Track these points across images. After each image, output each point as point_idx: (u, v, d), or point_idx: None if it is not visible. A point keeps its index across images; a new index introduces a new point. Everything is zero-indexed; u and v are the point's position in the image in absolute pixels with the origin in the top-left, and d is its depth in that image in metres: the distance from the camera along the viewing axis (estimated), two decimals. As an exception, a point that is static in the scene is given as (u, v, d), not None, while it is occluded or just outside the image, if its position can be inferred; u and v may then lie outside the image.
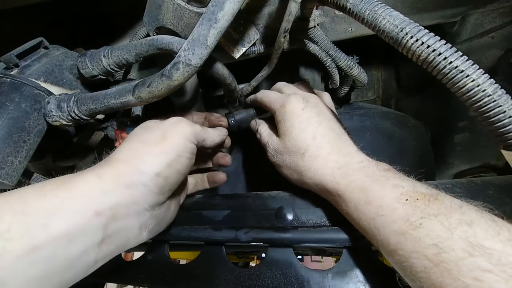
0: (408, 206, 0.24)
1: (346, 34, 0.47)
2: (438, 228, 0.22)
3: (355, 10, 0.26)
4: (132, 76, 0.54)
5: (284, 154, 0.36)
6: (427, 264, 0.22)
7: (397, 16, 0.24)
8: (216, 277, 0.35)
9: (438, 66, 0.22)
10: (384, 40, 0.26)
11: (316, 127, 0.34)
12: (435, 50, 0.22)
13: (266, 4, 0.42)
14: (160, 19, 0.35)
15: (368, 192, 0.27)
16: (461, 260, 0.20)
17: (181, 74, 0.31)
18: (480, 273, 0.19)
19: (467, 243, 0.20)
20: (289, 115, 0.35)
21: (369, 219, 0.27)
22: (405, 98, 0.69)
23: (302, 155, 0.33)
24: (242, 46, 0.43)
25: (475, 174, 0.67)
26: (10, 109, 0.32)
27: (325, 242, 0.32)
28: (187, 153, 0.30)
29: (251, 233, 0.35)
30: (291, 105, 0.36)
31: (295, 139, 0.34)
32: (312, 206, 0.35)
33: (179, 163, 0.29)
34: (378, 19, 0.25)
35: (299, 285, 0.31)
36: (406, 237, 0.23)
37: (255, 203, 0.38)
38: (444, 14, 0.45)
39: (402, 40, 0.24)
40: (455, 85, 0.22)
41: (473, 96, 0.22)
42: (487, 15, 0.49)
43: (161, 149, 0.28)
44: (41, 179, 0.43)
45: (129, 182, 0.25)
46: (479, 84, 0.21)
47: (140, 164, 0.26)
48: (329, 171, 0.31)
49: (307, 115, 0.35)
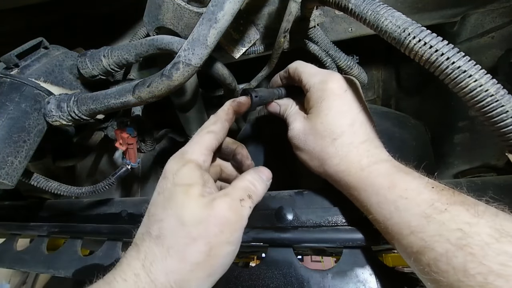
0: (434, 193, 0.24)
1: (346, 34, 0.47)
2: (464, 214, 0.22)
3: (357, 10, 0.26)
4: (132, 76, 0.54)
5: (309, 136, 0.32)
6: (449, 248, 0.21)
7: (400, 17, 0.24)
8: (216, 277, 0.35)
9: (441, 66, 0.22)
10: (386, 40, 0.26)
11: (357, 113, 0.31)
12: (437, 50, 0.22)
13: (266, 4, 0.42)
14: (160, 19, 0.35)
15: (393, 177, 0.27)
16: (487, 245, 0.20)
17: (181, 74, 0.31)
18: (507, 259, 0.19)
19: (494, 229, 0.20)
20: (328, 94, 0.32)
21: (390, 202, 0.26)
22: (405, 98, 0.69)
23: (333, 141, 0.31)
24: (242, 46, 0.43)
25: (475, 174, 0.67)
26: (10, 109, 0.32)
27: (325, 242, 0.32)
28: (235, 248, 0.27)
29: (251, 233, 0.35)
30: (334, 84, 0.32)
31: (330, 123, 0.31)
32: (312, 206, 0.35)
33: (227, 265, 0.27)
34: (380, 19, 0.25)
35: (299, 285, 0.31)
36: (429, 220, 0.23)
37: (255, 203, 0.38)
38: (444, 14, 0.45)
39: (405, 40, 0.24)
40: (458, 85, 0.22)
41: (475, 96, 0.22)
42: (487, 15, 0.49)
43: (207, 272, 0.25)
44: (41, 179, 0.43)
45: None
46: (481, 84, 0.21)
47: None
48: (357, 159, 0.30)
49: (349, 98, 0.32)
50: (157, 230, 0.26)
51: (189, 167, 0.28)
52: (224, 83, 0.43)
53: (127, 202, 0.48)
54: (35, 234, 0.53)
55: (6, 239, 0.57)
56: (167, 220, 0.26)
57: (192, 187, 0.27)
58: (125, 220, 0.45)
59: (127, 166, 0.45)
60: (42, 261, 0.49)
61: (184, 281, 0.25)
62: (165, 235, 0.25)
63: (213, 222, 0.25)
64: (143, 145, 0.51)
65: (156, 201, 0.28)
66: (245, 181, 0.30)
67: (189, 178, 0.27)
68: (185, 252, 0.25)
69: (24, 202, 0.61)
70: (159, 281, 0.24)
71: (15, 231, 0.55)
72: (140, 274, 0.25)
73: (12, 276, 2.42)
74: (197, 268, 0.25)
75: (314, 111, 0.33)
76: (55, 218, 0.53)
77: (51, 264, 0.48)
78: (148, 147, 0.52)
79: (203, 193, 0.27)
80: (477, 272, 0.20)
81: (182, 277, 0.25)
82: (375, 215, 0.28)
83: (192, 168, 0.28)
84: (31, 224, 0.53)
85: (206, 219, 0.25)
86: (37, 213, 0.55)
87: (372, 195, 0.28)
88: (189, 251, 0.25)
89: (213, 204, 0.26)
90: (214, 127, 0.32)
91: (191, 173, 0.28)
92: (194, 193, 0.26)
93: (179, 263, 0.25)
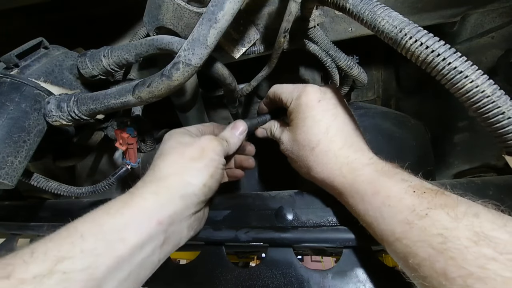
0: (415, 197, 0.25)
1: (346, 34, 0.47)
2: (444, 218, 0.22)
3: (355, 10, 0.26)
4: (132, 76, 0.54)
5: (294, 147, 0.35)
6: (431, 253, 0.22)
7: (396, 17, 0.24)
8: (216, 277, 0.35)
9: (437, 67, 0.22)
10: (383, 40, 0.26)
11: (332, 120, 0.33)
12: (434, 51, 0.22)
13: (266, 4, 0.42)
14: (160, 19, 0.35)
15: (376, 183, 0.28)
16: (466, 249, 0.20)
17: (181, 74, 0.31)
18: (485, 261, 0.19)
19: (472, 232, 0.21)
20: (304, 107, 0.34)
21: (375, 209, 0.27)
22: (405, 98, 0.69)
23: (312, 150, 0.33)
24: (242, 46, 0.43)
25: (475, 174, 0.67)
26: (10, 109, 0.32)
27: (325, 242, 0.32)
28: (221, 166, 0.34)
29: (251, 233, 0.35)
30: (308, 96, 0.34)
31: (306, 133, 0.33)
32: (312, 206, 0.35)
33: (217, 173, 0.33)
34: (377, 19, 0.25)
35: (299, 285, 0.31)
36: (411, 226, 0.24)
37: (255, 203, 0.38)
38: (444, 14, 0.45)
39: (401, 41, 0.23)
40: (454, 86, 0.22)
41: (472, 97, 0.21)
42: (487, 15, 0.49)
43: (203, 163, 0.32)
44: (41, 179, 0.43)
45: (182, 194, 0.30)
46: (478, 85, 0.21)
47: (190, 178, 0.31)
48: (338, 166, 0.31)
49: (323, 107, 0.34)
50: (159, 152, 0.33)
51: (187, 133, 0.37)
52: (224, 83, 0.43)
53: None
54: (35, 234, 0.53)
55: (6, 239, 0.57)
56: (167, 144, 0.34)
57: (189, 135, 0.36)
58: (125, 220, 0.45)
59: (127, 166, 0.45)
60: (42, 261, 0.49)
61: (184, 169, 0.31)
62: (166, 149, 0.33)
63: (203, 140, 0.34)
64: (143, 145, 0.51)
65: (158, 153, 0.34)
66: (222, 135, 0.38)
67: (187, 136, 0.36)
68: (185, 151, 0.32)
69: (24, 202, 0.61)
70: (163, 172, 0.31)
71: (15, 231, 0.55)
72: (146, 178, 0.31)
73: (12, 276, 2.41)
74: (195, 160, 0.32)
75: (293, 124, 0.35)
76: (55, 218, 0.53)
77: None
78: (148, 147, 0.52)
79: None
80: (457, 275, 0.20)
81: (183, 166, 0.31)
82: (364, 220, 0.29)
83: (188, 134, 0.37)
84: (31, 224, 0.53)
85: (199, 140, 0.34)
86: (37, 213, 0.55)
87: (358, 202, 0.29)
88: (187, 150, 0.33)
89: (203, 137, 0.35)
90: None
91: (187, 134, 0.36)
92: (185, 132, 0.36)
93: (179, 157, 0.32)
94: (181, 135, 0.35)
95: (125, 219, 0.27)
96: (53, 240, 0.25)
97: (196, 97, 0.53)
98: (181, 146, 0.33)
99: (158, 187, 0.30)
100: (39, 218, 0.54)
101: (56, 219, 0.52)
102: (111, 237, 0.25)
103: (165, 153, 0.33)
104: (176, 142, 0.34)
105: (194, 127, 0.39)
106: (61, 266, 0.22)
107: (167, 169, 0.31)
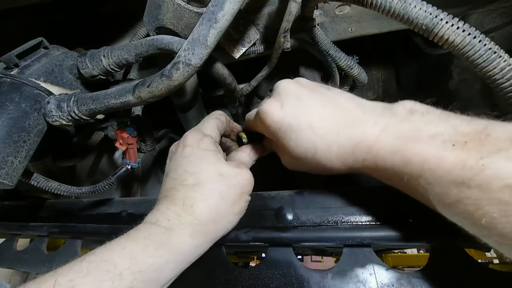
0: (459, 151, 0.21)
1: (346, 34, 0.47)
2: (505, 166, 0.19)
3: (381, 1, 0.27)
4: (132, 76, 0.54)
5: (298, 162, 0.32)
6: (503, 208, 0.19)
7: (428, 5, 0.26)
8: (216, 277, 0.35)
9: (474, 48, 0.24)
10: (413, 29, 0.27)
11: (310, 119, 0.29)
12: (470, 34, 0.24)
13: (266, 4, 0.42)
14: (160, 19, 0.35)
15: (402, 154, 0.24)
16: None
17: (181, 74, 0.31)
18: None
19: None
20: (274, 128, 0.31)
21: (415, 179, 0.23)
22: (405, 98, 0.68)
23: (314, 155, 0.29)
24: (242, 46, 0.43)
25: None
26: (10, 109, 0.32)
27: (325, 241, 0.32)
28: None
29: (251, 232, 0.35)
30: (268, 115, 0.31)
31: (298, 146, 0.30)
32: (312, 206, 0.35)
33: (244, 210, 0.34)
34: (408, 7, 0.26)
35: (299, 285, 0.31)
36: (469, 184, 0.20)
37: (255, 203, 0.38)
38: (444, 14, 0.45)
39: (437, 26, 0.25)
40: (488, 66, 0.24)
41: (506, 75, 0.24)
42: (487, 15, 0.49)
43: (241, 207, 0.33)
44: (41, 179, 0.43)
45: (215, 238, 0.32)
46: (510, 63, 0.24)
47: (226, 223, 0.32)
48: (349, 152, 0.27)
49: (289, 112, 0.30)
50: (193, 180, 0.31)
51: (208, 139, 0.34)
52: (224, 83, 0.43)
53: (127, 202, 0.48)
54: (35, 234, 0.53)
55: (6, 239, 0.57)
56: (204, 172, 0.31)
57: (217, 153, 0.33)
58: (125, 220, 0.45)
59: (127, 166, 0.45)
60: (42, 261, 0.49)
61: (222, 215, 0.31)
62: (204, 182, 0.31)
63: (244, 177, 0.33)
64: (143, 145, 0.51)
65: (181, 163, 0.33)
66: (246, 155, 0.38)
67: (212, 146, 0.34)
68: (227, 193, 0.31)
69: (24, 202, 0.61)
70: (203, 217, 0.30)
71: (15, 231, 0.55)
72: (182, 215, 0.29)
73: (12, 276, 2.42)
74: (233, 206, 0.31)
75: (281, 147, 0.32)
76: (55, 218, 0.53)
77: (51, 264, 0.48)
78: (148, 147, 0.52)
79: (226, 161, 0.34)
80: None
81: (222, 212, 0.31)
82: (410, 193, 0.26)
83: (210, 140, 0.34)
84: (31, 224, 0.53)
85: (240, 174, 0.32)
86: (37, 213, 0.55)
87: (391, 176, 0.26)
88: (230, 193, 0.31)
89: (240, 166, 0.34)
90: (221, 117, 0.39)
91: (212, 143, 0.34)
92: (220, 157, 0.33)
93: (220, 200, 0.30)
94: (215, 158, 0.33)
95: (163, 261, 0.28)
96: (91, 273, 0.25)
97: (196, 97, 0.53)
98: (222, 183, 0.31)
99: (195, 230, 0.29)
100: (39, 218, 0.54)
101: (56, 219, 0.52)
102: (148, 277, 0.26)
103: (204, 188, 0.30)
104: (215, 172, 0.31)
105: (211, 128, 0.37)
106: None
107: (207, 215, 0.30)
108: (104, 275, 0.24)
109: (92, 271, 0.25)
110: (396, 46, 0.65)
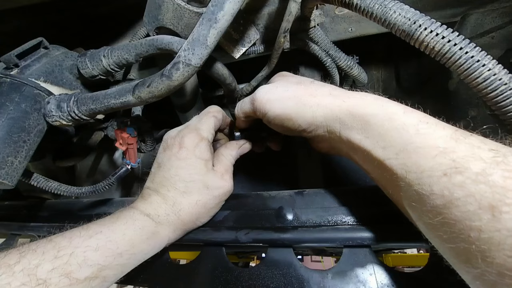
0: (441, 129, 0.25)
1: (346, 34, 0.47)
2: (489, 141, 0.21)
3: (363, 5, 0.26)
4: (132, 76, 0.54)
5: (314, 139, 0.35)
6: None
7: (409, 10, 0.25)
8: (216, 277, 0.35)
9: (454, 56, 0.23)
10: (394, 34, 0.26)
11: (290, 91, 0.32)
12: (450, 41, 0.22)
13: (266, 4, 0.42)
14: (160, 19, 0.35)
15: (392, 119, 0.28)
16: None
17: (181, 74, 0.31)
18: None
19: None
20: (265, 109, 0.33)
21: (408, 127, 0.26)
22: (405, 98, 0.68)
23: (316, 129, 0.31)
24: (242, 46, 0.43)
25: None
26: (10, 109, 0.32)
27: (325, 241, 0.32)
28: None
29: (251, 234, 0.35)
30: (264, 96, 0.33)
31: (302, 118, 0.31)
32: (312, 206, 0.35)
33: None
34: (388, 13, 0.25)
35: (299, 285, 0.31)
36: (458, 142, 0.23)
37: (255, 203, 0.38)
38: (444, 14, 0.45)
39: (416, 32, 0.24)
40: (471, 75, 0.22)
41: (489, 85, 0.22)
42: (487, 15, 0.49)
43: (215, 212, 0.39)
44: (41, 179, 0.43)
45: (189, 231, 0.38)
46: (495, 73, 0.22)
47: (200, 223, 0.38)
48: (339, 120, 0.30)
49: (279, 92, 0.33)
50: (183, 188, 0.35)
51: (204, 144, 0.37)
52: (224, 83, 0.43)
53: (127, 202, 0.48)
54: (35, 234, 0.53)
55: (6, 239, 0.57)
56: (194, 183, 0.36)
57: (209, 162, 0.37)
58: (125, 220, 0.45)
59: (127, 166, 0.45)
60: (42, 261, 0.49)
61: (200, 218, 0.37)
62: (192, 192, 0.36)
63: (225, 190, 0.38)
64: (143, 145, 0.51)
65: (174, 164, 0.36)
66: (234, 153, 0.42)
67: (206, 153, 0.37)
68: (208, 203, 0.36)
69: (24, 202, 0.61)
70: (186, 220, 0.35)
71: (15, 231, 0.55)
72: (170, 215, 0.35)
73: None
74: (210, 211, 0.38)
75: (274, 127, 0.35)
76: (55, 218, 0.53)
77: (51, 264, 0.48)
78: (148, 147, 0.52)
79: (214, 167, 0.38)
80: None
81: (200, 216, 0.37)
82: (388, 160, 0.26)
83: (206, 144, 0.37)
84: (31, 224, 0.53)
85: (222, 187, 0.37)
86: (37, 213, 0.55)
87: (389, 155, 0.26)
88: (210, 203, 0.37)
89: (224, 177, 0.38)
90: (218, 114, 0.40)
91: (206, 150, 0.37)
92: (210, 166, 0.37)
93: (201, 208, 0.36)
94: (206, 168, 0.36)
95: (150, 248, 0.34)
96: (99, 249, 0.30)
97: (196, 97, 0.53)
98: (207, 195, 0.36)
99: (177, 228, 0.35)
100: (39, 218, 0.54)
101: (56, 219, 0.52)
102: (138, 257, 0.33)
103: (192, 198, 0.35)
104: (203, 184, 0.36)
105: (208, 129, 0.38)
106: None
107: (189, 219, 0.36)
108: (108, 252, 0.30)
109: (100, 248, 0.30)
110: (396, 46, 0.65)
